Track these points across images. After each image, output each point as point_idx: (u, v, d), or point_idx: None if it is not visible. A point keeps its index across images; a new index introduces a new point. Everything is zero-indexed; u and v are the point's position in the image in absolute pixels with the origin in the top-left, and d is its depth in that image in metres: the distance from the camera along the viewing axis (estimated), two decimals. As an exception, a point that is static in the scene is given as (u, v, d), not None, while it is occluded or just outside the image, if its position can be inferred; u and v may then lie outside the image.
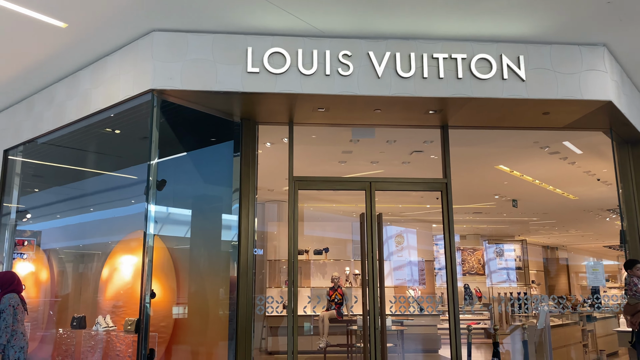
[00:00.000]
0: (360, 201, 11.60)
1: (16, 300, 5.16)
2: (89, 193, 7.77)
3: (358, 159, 7.98)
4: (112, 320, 6.22)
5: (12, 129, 7.05)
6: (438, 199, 10.91)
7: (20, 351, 5.10)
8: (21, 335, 5.13)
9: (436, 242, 13.67)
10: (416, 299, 10.83)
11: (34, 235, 7.43)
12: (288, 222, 5.66)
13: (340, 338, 9.86)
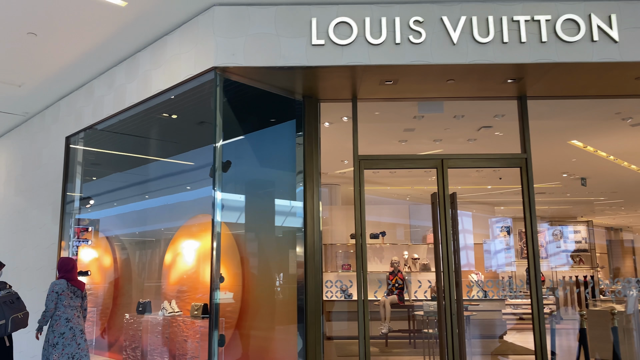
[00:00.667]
0: (416, 183, 11.20)
1: (62, 287, 5.26)
2: (149, 179, 7.75)
3: (420, 137, 7.60)
4: (177, 305, 6.17)
5: (73, 115, 7.07)
6: (501, 179, 10.39)
7: (60, 336, 5.15)
8: (64, 321, 5.20)
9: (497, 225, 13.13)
10: (479, 284, 10.41)
11: (96, 222, 7.48)
12: (354, 204, 5.39)
13: (402, 324, 9.59)
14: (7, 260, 8.30)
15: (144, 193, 7.80)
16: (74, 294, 5.36)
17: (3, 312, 5.06)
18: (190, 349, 5.61)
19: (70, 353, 5.14)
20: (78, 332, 5.25)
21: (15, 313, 5.13)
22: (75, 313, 5.31)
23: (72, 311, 5.29)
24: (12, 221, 8.47)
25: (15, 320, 5.10)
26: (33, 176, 7.95)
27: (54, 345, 5.12)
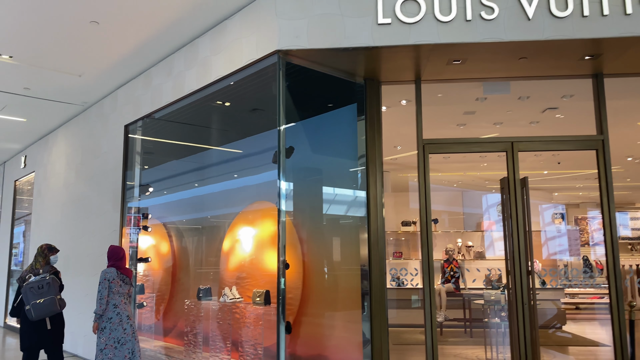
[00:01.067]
0: (469, 169, 10.86)
1: (112, 275, 5.45)
2: (205, 166, 7.78)
3: (479, 121, 7.32)
4: (237, 292, 6.18)
5: (131, 104, 7.15)
6: (560, 163, 9.94)
7: (107, 321, 5.36)
8: (112, 307, 5.39)
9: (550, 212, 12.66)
10: (537, 272, 10.05)
11: (154, 209, 7.57)
12: (419, 190, 5.23)
13: (457, 312, 9.37)
14: (69, 246, 8.55)
15: (200, 180, 7.86)
16: (123, 281, 5.56)
17: (27, 298, 5.20)
18: (253, 335, 5.60)
19: (116, 337, 5.33)
20: (124, 318, 5.44)
21: (37, 299, 5.20)
22: (123, 300, 5.50)
23: (119, 297, 5.48)
24: (73, 209, 8.70)
25: (35, 305, 5.16)
26: (93, 165, 8.12)
27: (102, 330, 5.35)
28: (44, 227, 9.93)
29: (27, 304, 5.17)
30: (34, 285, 5.27)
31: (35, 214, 10.54)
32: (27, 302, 5.18)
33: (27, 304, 5.17)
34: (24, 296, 5.23)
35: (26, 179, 11.77)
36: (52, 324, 5.43)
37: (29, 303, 5.17)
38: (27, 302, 5.18)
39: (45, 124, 9.54)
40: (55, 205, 9.49)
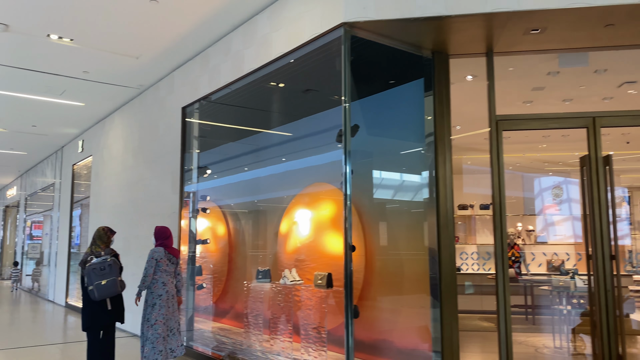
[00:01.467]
0: (528, 150, 10.36)
1: (160, 254, 5.67)
2: (261, 148, 7.69)
3: (548, 97, 6.90)
4: (297, 274, 6.08)
5: (188, 85, 7.10)
6: (629, 143, 9.33)
7: (157, 298, 5.62)
8: (161, 285, 5.63)
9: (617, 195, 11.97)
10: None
11: (210, 192, 7.55)
12: (492, 170, 4.93)
13: (517, 298, 9.01)
14: (128, 228, 8.69)
15: (255, 163, 7.78)
16: (170, 261, 5.77)
17: (90, 279, 5.31)
18: (315, 318, 5.50)
19: (164, 314, 5.60)
20: (170, 296, 5.70)
21: (100, 280, 5.31)
22: (170, 278, 5.73)
23: (167, 276, 5.71)
24: (132, 191, 8.82)
25: (98, 286, 5.28)
26: (150, 147, 8.17)
27: (152, 306, 5.60)
28: (103, 210, 10.15)
29: (91, 284, 5.29)
30: (96, 266, 5.37)
31: (94, 198, 10.79)
32: (90, 282, 5.30)
33: (91, 284, 5.29)
34: (87, 277, 5.35)
35: (83, 163, 12.07)
36: (112, 305, 5.55)
37: (92, 284, 5.29)
38: (90, 282, 5.30)
39: (102, 108, 9.69)
40: (113, 188, 9.67)
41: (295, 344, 5.85)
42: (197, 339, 6.93)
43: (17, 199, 19.55)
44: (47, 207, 16.28)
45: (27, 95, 8.83)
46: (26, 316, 10.63)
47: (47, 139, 12.50)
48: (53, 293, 13.07)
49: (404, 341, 5.22)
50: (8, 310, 11.63)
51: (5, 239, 22.32)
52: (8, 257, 21.91)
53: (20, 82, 8.12)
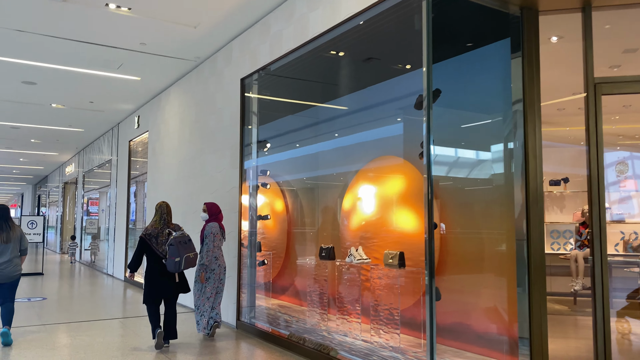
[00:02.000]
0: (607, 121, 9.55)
1: (216, 229, 6.02)
2: (322, 121, 7.36)
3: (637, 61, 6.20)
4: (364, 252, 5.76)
5: (247, 55, 6.82)
6: None
7: (211, 272, 6.01)
8: (214, 259, 5.98)
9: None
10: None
11: (268, 166, 7.29)
12: (588, 139, 4.41)
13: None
14: (186, 204, 8.61)
15: (315, 136, 7.47)
16: (222, 236, 6.17)
17: (178, 251, 5.48)
18: (387, 299, 5.18)
19: (216, 287, 6.02)
20: (223, 270, 6.10)
21: (188, 252, 5.56)
22: (221, 253, 6.08)
23: (218, 251, 6.04)
24: (189, 167, 8.71)
25: (187, 259, 5.53)
26: (208, 121, 7.99)
27: (207, 280, 5.99)
28: (160, 186, 10.14)
29: (177, 256, 5.45)
30: (181, 239, 5.55)
31: (151, 173, 10.80)
32: (175, 254, 5.45)
33: (177, 256, 5.45)
34: (174, 249, 5.46)
35: (139, 139, 12.12)
36: (179, 278, 5.74)
37: (179, 255, 5.46)
38: (175, 254, 5.45)
39: (158, 82, 9.58)
40: (171, 163, 9.61)
41: (364, 325, 5.58)
42: (258, 316, 6.77)
43: (75, 176, 20.12)
44: (103, 184, 16.64)
45: (85, 70, 8.80)
46: (88, 289, 10.86)
47: (103, 115, 12.61)
48: (112, 267, 13.34)
49: (483, 325, 4.84)
50: (71, 284, 11.94)
51: (65, 215, 23.13)
52: (68, 232, 22.71)
53: (79, 56, 8.07)
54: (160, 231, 5.67)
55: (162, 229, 5.70)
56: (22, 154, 19.85)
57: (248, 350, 5.70)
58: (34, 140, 16.47)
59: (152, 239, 5.63)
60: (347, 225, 6.41)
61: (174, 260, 5.43)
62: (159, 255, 5.60)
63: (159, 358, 5.24)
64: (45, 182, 29.75)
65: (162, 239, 5.64)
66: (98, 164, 16.04)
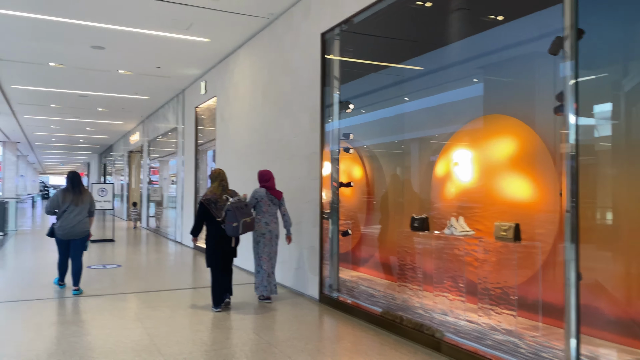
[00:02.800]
0: None
1: (261, 195, 6.16)
2: (409, 79, 6.70)
3: None
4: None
5: (329, 6, 6.22)
6: None
7: (261, 236, 6.17)
8: (264, 224, 6.15)
9: None
10: None
11: (350, 129, 6.73)
12: None
13: None
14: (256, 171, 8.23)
15: (401, 95, 6.83)
16: (272, 202, 6.21)
17: (236, 216, 5.57)
18: (498, 277, 4.59)
19: (268, 252, 6.17)
20: (274, 236, 6.20)
21: (245, 217, 5.64)
22: (273, 219, 6.17)
23: (269, 217, 6.15)
24: (261, 132, 8.29)
25: (245, 223, 5.63)
26: (283, 83, 7.49)
27: (257, 243, 6.20)
28: (230, 153, 9.82)
29: (235, 221, 5.57)
30: (239, 205, 5.67)
31: (219, 140, 10.51)
32: (234, 219, 5.57)
33: (235, 221, 5.57)
34: (231, 214, 5.58)
35: (205, 106, 11.84)
36: (235, 243, 5.88)
37: (237, 220, 5.57)
38: (234, 219, 5.57)
39: (227, 44, 9.14)
40: (241, 129, 9.24)
41: (469, 304, 5.02)
42: (342, 289, 6.34)
43: (139, 144, 20.35)
44: (168, 152, 16.66)
45: (154, 32, 8.47)
46: (159, 257, 10.84)
47: (169, 81, 12.39)
48: (180, 235, 13.35)
49: (619, 309, 4.16)
50: (142, 251, 12.01)
51: (130, 183, 23.63)
52: (133, 200, 23.26)
53: (148, 16, 7.71)
54: (220, 197, 5.80)
55: (221, 194, 5.82)
56: (89, 123, 20.23)
57: (339, 327, 5.29)
58: (100, 109, 16.63)
59: (212, 204, 5.75)
60: (441, 194, 5.81)
61: (232, 225, 5.56)
62: (218, 220, 5.72)
63: (246, 333, 4.92)
64: (110, 151, 30.56)
65: (221, 204, 5.76)
66: (163, 132, 16.01)
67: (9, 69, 11.24)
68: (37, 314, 5.66)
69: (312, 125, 6.59)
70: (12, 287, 7.22)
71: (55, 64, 10.74)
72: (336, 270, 6.37)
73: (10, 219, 16.56)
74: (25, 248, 12.25)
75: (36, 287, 7.25)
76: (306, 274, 6.70)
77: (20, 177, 39.33)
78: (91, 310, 5.86)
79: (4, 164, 27.44)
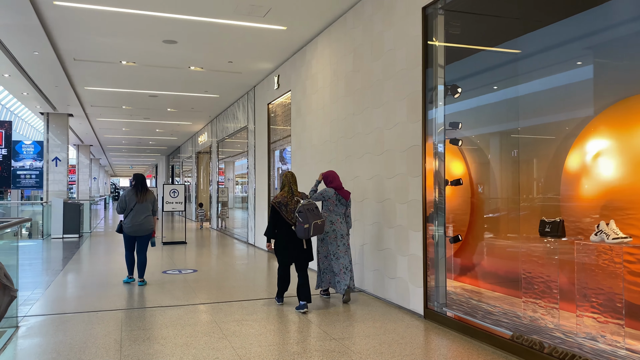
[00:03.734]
0: None
1: (329, 194, 6.21)
2: (523, 56, 5.73)
3: None
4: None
5: (433, -25, 5.37)
6: None
7: (324, 235, 6.19)
8: (329, 223, 6.18)
9: None
10: None
11: (456, 116, 5.83)
12: None
13: None
14: (342, 168, 7.48)
15: (516, 76, 5.85)
16: (339, 202, 6.25)
17: (307, 218, 5.57)
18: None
19: (331, 250, 6.15)
20: (339, 235, 6.16)
21: (316, 219, 5.65)
22: (339, 218, 6.18)
23: (335, 216, 6.18)
24: (344, 125, 7.54)
25: (315, 225, 5.62)
26: (372, 69, 6.70)
27: (322, 240, 6.26)
28: (307, 150, 9.14)
29: (307, 223, 5.55)
30: (310, 207, 5.68)
31: (295, 137, 9.86)
32: (305, 221, 5.55)
33: (307, 223, 5.55)
34: (303, 216, 5.57)
35: (278, 102, 11.25)
36: (307, 245, 5.88)
37: (308, 222, 5.56)
38: (305, 221, 5.55)
39: (305, 31, 8.46)
40: (319, 123, 8.53)
41: (630, 329, 4.03)
42: (450, 304, 5.46)
43: (207, 144, 20.21)
44: (236, 152, 16.29)
45: (229, 21, 7.90)
46: (233, 261, 10.36)
47: (240, 78, 11.91)
48: (253, 237, 12.86)
49: None
50: (215, 254, 11.60)
51: (199, 184, 23.64)
52: (202, 200, 23.21)
53: (225, 3, 7.13)
54: (290, 199, 5.87)
55: (291, 197, 5.89)
56: (158, 124, 20.30)
57: (459, 352, 4.41)
58: (170, 109, 16.50)
59: (282, 207, 5.84)
60: (576, 192, 4.82)
61: (303, 227, 5.56)
62: (289, 223, 5.80)
63: (350, 352, 4.15)
64: (177, 153, 30.94)
65: (292, 206, 5.82)
66: (232, 132, 15.65)
67: (83, 70, 11.12)
68: (116, 328, 5.16)
69: (411, 114, 5.76)
70: (88, 295, 6.85)
71: (126, 62, 10.48)
72: (444, 281, 5.50)
73: (85, 221, 16.76)
74: (99, 251, 12.15)
75: (113, 295, 6.84)
76: (406, 285, 5.87)
77: (93, 180, 40.86)
78: (172, 323, 5.30)
79: (78, 167, 28.33)
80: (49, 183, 16.52)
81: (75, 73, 11.37)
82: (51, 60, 10.08)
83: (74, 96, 13.73)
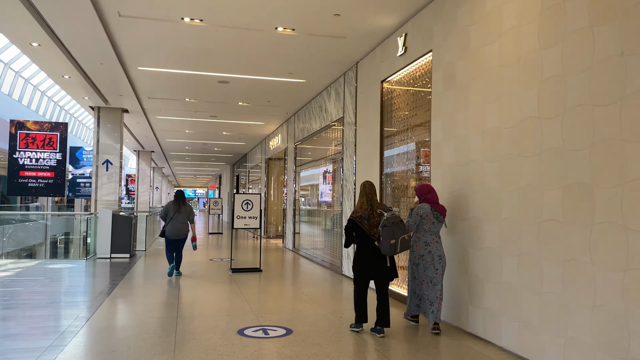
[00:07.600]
0: None
1: (425, 211, 5.44)
2: None
3: None
4: None
5: None
6: None
7: (419, 258, 5.47)
8: (423, 244, 5.44)
9: None
10: None
11: None
12: None
13: None
14: (566, 166, 3.91)
15: None
16: (436, 219, 5.47)
17: (393, 232, 5.06)
18: None
19: (429, 276, 5.42)
20: (436, 257, 5.43)
21: (403, 234, 5.14)
22: (434, 238, 5.47)
23: (431, 236, 5.47)
24: (598, 82, 3.95)
25: (402, 240, 5.12)
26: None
27: (416, 265, 5.54)
28: (472, 139, 5.62)
29: (393, 238, 5.03)
30: (394, 220, 5.13)
31: (441, 121, 6.37)
32: (391, 236, 5.03)
33: (393, 238, 5.03)
34: (388, 230, 5.04)
35: (399, 77, 7.82)
36: (390, 262, 5.31)
37: (395, 237, 5.04)
38: (391, 236, 5.03)
39: None
40: (507, 90, 5.00)
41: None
42: None
43: (281, 149, 17.10)
44: (320, 157, 12.99)
45: None
46: (336, 309, 6.92)
47: (342, 46, 8.61)
48: (348, 266, 9.40)
49: None
50: (306, 296, 8.23)
51: (269, 195, 20.58)
52: (273, 213, 20.23)
53: None
54: (371, 212, 5.32)
55: (372, 210, 5.33)
56: (226, 125, 17.44)
57: None
58: (241, 102, 13.48)
59: (364, 221, 5.30)
60: None
61: (389, 243, 5.05)
62: (371, 238, 5.28)
63: None
64: (243, 162, 28.24)
65: (374, 220, 5.29)
66: (317, 129, 12.38)
67: (132, 33, 8.18)
68: None
69: None
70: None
71: (190, 20, 7.43)
72: None
73: (140, 237, 13.97)
74: (149, 279, 9.08)
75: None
76: None
77: (155, 190, 39.03)
78: None
79: (138, 175, 26.06)
80: (97, 191, 13.84)
81: (122, 38, 8.41)
82: (89, 17, 7.19)
83: (126, 80, 10.89)
